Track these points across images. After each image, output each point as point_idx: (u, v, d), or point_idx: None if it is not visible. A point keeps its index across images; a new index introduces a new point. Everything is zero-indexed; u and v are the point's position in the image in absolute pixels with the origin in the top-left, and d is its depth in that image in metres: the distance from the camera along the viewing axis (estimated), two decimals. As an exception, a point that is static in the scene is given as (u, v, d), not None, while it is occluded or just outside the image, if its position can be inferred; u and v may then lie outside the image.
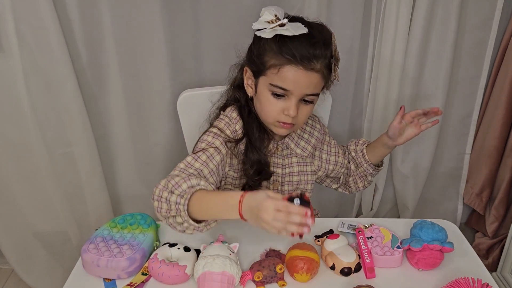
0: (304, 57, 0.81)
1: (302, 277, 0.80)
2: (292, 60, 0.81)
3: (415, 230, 0.85)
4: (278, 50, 0.82)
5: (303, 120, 0.92)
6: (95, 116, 1.39)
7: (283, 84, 0.84)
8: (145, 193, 1.57)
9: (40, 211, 1.46)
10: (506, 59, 1.41)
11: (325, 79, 0.87)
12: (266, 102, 0.88)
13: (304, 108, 0.89)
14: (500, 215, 1.57)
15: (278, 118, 0.88)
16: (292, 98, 0.85)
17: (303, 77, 0.83)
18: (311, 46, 0.82)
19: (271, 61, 0.84)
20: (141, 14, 1.23)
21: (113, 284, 0.82)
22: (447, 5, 1.28)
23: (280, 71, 0.83)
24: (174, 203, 0.76)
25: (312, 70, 0.83)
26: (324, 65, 0.84)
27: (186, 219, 0.76)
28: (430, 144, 1.52)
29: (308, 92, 0.86)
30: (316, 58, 0.82)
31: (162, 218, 0.80)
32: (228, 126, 0.93)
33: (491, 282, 0.78)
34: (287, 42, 0.82)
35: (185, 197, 0.75)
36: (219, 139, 0.90)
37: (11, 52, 1.18)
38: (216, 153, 0.88)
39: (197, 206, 0.76)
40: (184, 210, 0.75)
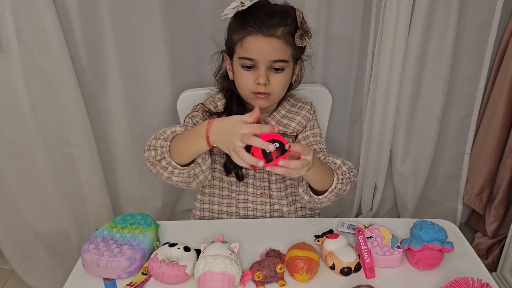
0: (262, 25, 0.87)
1: (302, 277, 0.80)
2: (252, 30, 0.88)
3: (415, 230, 0.85)
4: (238, 25, 0.90)
5: (278, 89, 0.94)
6: (95, 116, 1.39)
7: (247, 54, 0.90)
8: (145, 193, 1.57)
9: (40, 211, 1.46)
10: (506, 59, 1.41)
11: (291, 47, 0.91)
12: (240, 76, 0.94)
13: (276, 76, 0.92)
14: (500, 215, 1.57)
15: (252, 89, 0.93)
16: (260, 66, 0.90)
17: (265, 44, 0.88)
18: (268, 15, 0.88)
19: (236, 37, 0.91)
20: (141, 14, 1.23)
21: (113, 284, 0.82)
22: (447, 5, 1.28)
23: (243, 43, 0.89)
24: (159, 147, 0.84)
25: (272, 36, 0.88)
26: (286, 32, 0.89)
27: (169, 160, 0.84)
28: (430, 144, 1.52)
29: (273, 58, 0.90)
30: (275, 26, 0.88)
31: (151, 167, 0.88)
32: (210, 102, 1.01)
33: (491, 282, 0.78)
34: (246, 16, 0.89)
35: (168, 139, 0.84)
36: (202, 113, 0.99)
37: (11, 53, 1.18)
38: (201, 120, 0.97)
39: (176, 145, 0.84)
40: (167, 151, 0.83)
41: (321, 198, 0.93)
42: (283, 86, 0.96)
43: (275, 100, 0.98)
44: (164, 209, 1.59)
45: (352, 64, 1.39)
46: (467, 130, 1.55)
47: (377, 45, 1.36)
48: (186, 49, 1.32)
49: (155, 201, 1.57)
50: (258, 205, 1.07)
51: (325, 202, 0.94)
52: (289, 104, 1.05)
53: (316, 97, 1.17)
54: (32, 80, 1.23)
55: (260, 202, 1.07)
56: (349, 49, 1.36)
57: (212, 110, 1.00)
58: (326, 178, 0.90)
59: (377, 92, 1.43)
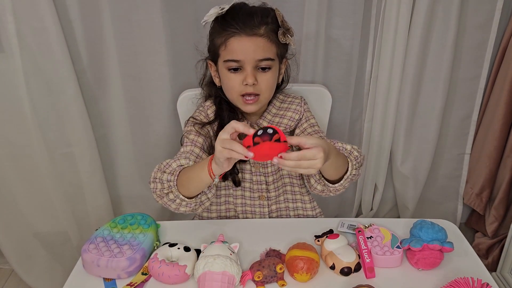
0: (244, 24, 0.87)
1: (302, 277, 0.80)
2: (234, 31, 0.88)
3: (415, 230, 0.85)
4: (220, 28, 0.90)
5: (267, 87, 0.93)
6: (96, 116, 1.39)
7: (232, 56, 0.89)
8: (145, 194, 1.57)
9: (40, 211, 1.47)
10: (506, 60, 1.41)
11: (275, 45, 0.91)
12: (227, 80, 0.93)
13: (263, 76, 0.92)
14: (500, 215, 1.57)
15: (240, 91, 0.92)
16: (247, 67, 0.90)
17: (248, 43, 0.88)
18: (249, 15, 0.88)
19: (219, 40, 0.90)
20: (141, 14, 1.23)
21: (113, 284, 0.82)
22: (447, 5, 1.28)
23: (227, 45, 0.89)
24: (166, 181, 0.85)
25: (255, 35, 0.88)
26: (269, 30, 0.89)
27: (177, 194, 0.85)
28: (430, 144, 1.52)
29: (259, 57, 0.89)
30: (257, 25, 0.88)
31: (158, 199, 0.89)
32: (200, 112, 1.01)
33: (491, 282, 0.78)
34: (226, 19, 0.89)
35: (175, 174, 0.85)
36: (195, 127, 0.98)
37: (11, 53, 1.18)
38: (196, 136, 0.96)
39: (183, 180, 0.84)
40: (174, 186, 0.84)
41: (336, 186, 0.91)
42: (271, 86, 0.95)
43: (264, 101, 0.97)
44: (164, 209, 1.57)
45: (352, 64, 1.39)
46: (467, 130, 1.55)
47: (377, 45, 1.36)
48: (186, 49, 1.32)
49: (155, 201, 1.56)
50: (256, 208, 1.07)
51: (339, 189, 0.93)
52: (278, 101, 1.04)
53: (316, 97, 1.17)
54: (32, 80, 1.23)
55: (258, 205, 1.07)
56: (349, 49, 1.36)
57: (204, 121, 0.99)
58: (341, 166, 0.88)
59: (377, 92, 1.43)
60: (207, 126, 0.99)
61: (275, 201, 1.08)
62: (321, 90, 1.18)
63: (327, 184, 0.93)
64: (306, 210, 1.12)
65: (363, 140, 1.55)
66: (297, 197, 1.09)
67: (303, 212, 1.11)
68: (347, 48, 1.36)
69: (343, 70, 1.39)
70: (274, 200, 1.08)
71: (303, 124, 1.03)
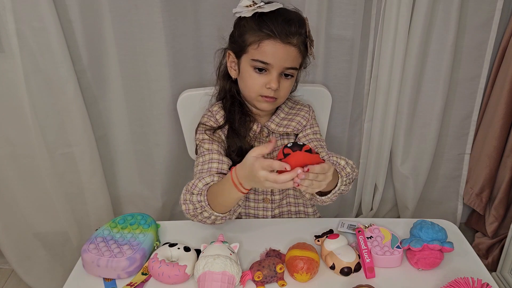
0: (281, 31, 0.88)
1: (302, 277, 0.80)
2: (271, 35, 0.88)
3: (415, 230, 0.85)
4: (257, 27, 0.89)
5: (285, 94, 0.97)
6: (96, 116, 1.39)
7: (263, 57, 0.90)
8: (145, 194, 1.57)
9: (40, 211, 1.46)
10: (506, 59, 1.41)
11: (302, 55, 0.94)
12: (249, 78, 0.94)
13: (285, 82, 0.94)
14: (500, 215, 1.57)
15: (260, 92, 0.94)
16: (273, 71, 0.91)
17: (282, 50, 0.89)
18: (287, 23, 0.89)
19: (251, 38, 0.90)
20: (141, 14, 1.23)
21: (113, 284, 0.82)
22: (447, 5, 1.28)
23: (260, 46, 0.90)
24: (197, 202, 0.87)
25: (289, 44, 0.90)
26: (300, 41, 0.91)
27: (211, 212, 0.86)
28: (430, 144, 1.52)
29: (287, 65, 0.92)
30: (292, 34, 0.89)
31: (192, 218, 0.90)
32: (209, 118, 1.01)
33: (490, 282, 0.78)
34: (265, 19, 0.89)
35: (203, 193, 0.86)
36: (206, 133, 0.99)
37: (12, 53, 1.18)
38: (210, 144, 0.97)
39: (213, 198, 0.86)
40: (207, 205, 0.86)
41: (323, 198, 0.93)
42: (288, 92, 0.98)
43: (279, 104, 1.00)
44: (164, 209, 1.59)
45: (353, 64, 1.39)
46: (467, 130, 1.55)
47: (377, 45, 1.36)
48: (186, 49, 1.32)
49: (155, 201, 1.57)
50: (260, 211, 1.07)
51: (327, 202, 0.95)
52: (287, 107, 1.07)
53: (316, 97, 1.17)
54: (32, 80, 1.23)
55: (262, 208, 1.07)
56: (349, 49, 1.36)
57: (214, 126, 1.00)
58: (332, 181, 0.88)
59: (378, 92, 1.43)
60: (218, 130, 0.99)
61: (279, 205, 1.08)
62: (321, 90, 1.18)
63: (314, 195, 0.94)
64: (308, 214, 1.12)
65: (363, 140, 1.55)
66: (299, 201, 1.10)
67: (304, 217, 1.12)
68: (347, 48, 1.36)
69: (343, 70, 1.39)
70: (277, 204, 1.08)
71: (307, 130, 1.05)
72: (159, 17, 1.23)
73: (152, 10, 1.22)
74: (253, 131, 1.01)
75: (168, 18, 1.24)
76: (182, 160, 1.47)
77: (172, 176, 1.52)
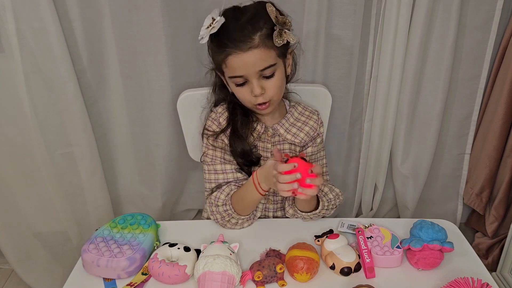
0: (237, 41, 0.87)
1: (302, 277, 0.80)
2: (229, 50, 0.88)
3: (415, 230, 0.85)
4: (216, 48, 0.91)
5: (275, 92, 0.94)
6: (96, 116, 1.39)
7: (234, 73, 0.91)
8: (145, 194, 1.57)
9: (40, 211, 1.46)
10: (506, 59, 1.41)
11: (272, 48, 0.90)
12: (237, 93, 0.95)
13: (269, 82, 0.93)
14: (500, 215, 1.57)
15: (252, 102, 0.94)
16: (251, 79, 0.90)
17: (246, 58, 0.88)
18: (238, 29, 0.87)
19: (218, 59, 0.92)
20: (141, 14, 1.23)
21: (113, 284, 0.82)
22: (447, 5, 1.28)
23: (227, 64, 0.90)
24: (223, 212, 0.95)
25: (250, 48, 0.87)
26: (264, 37, 0.88)
27: (238, 217, 0.95)
28: (430, 145, 1.52)
29: (259, 68, 0.90)
30: (249, 36, 0.87)
31: (222, 226, 0.98)
32: (213, 121, 1.02)
33: (490, 282, 0.78)
34: (220, 36, 0.89)
35: (228, 203, 0.95)
36: (209, 140, 1.01)
37: (11, 53, 1.18)
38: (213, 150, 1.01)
39: (237, 205, 0.95)
40: (233, 212, 0.94)
41: (304, 215, 0.99)
42: (279, 88, 0.95)
43: (277, 102, 0.98)
44: (164, 209, 1.59)
45: (352, 64, 1.39)
46: (467, 130, 1.55)
47: (377, 45, 1.36)
48: (186, 49, 1.32)
49: (155, 201, 1.57)
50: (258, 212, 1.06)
51: (307, 219, 1.01)
52: (297, 112, 1.06)
53: (316, 97, 1.17)
54: (32, 80, 1.23)
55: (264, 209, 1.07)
56: (349, 49, 1.36)
57: (217, 131, 1.01)
58: (313, 202, 0.97)
59: (377, 92, 1.43)
60: (220, 135, 1.00)
61: (280, 207, 1.09)
62: (321, 90, 1.18)
63: (296, 210, 0.99)
64: None
65: (363, 140, 1.55)
66: None
67: None
68: (347, 48, 1.35)
69: (343, 70, 1.39)
70: (279, 205, 1.08)
71: (317, 140, 1.07)
72: (159, 17, 1.23)
73: (152, 10, 1.22)
74: (256, 131, 1.01)
75: (168, 18, 1.24)
76: (182, 160, 1.47)
77: (172, 176, 1.52)
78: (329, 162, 1.57)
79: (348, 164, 1.62)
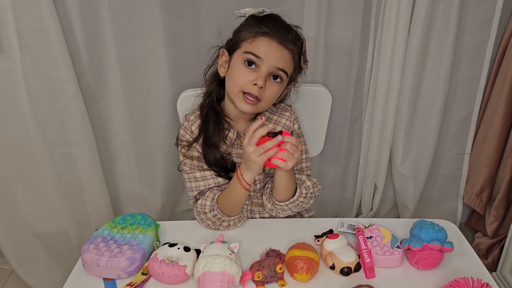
0: (278, 33, 0.89)
1: (302, 277, 0.80)
2: (268, 33, 0.89)
3: (415, 230, 0.85)
4: (255, 24, 0.91)
5: (269, 98, 0.93)
6: (96, 116, 1.39)
7: (256, 51, 0.89)
8: (145, 194, 1.57)
9: (40, 211, 1.46)
10: (506, 59, 1.41)
11: (294, 64, 0.93)
12: (237, 71, 0.92)
13: (272, 85, 0.92)
14: (500, 215, 1.57)
15: (244, 88, 0.91)
16: (263, 68, 0.90)
17: (276, 49, 0.90)
18: (285, 28, 0.91)
19: (247, 34, 0.91)
20: (141, 14, 1.23)
21: (113, 284, 0.82)
22: (447, 5, 1.28)
23: (254, 40, 0.90)
24: (213, 217, 0.95)
25: (285, 46, 0.90)
26: (295, 51, 0.92)
27: (228, 219, 0.95)
28: (430, 145, 1.52)
29: (278, 65, 0.90)
30: (289, 40, 0.91)
31: (216, 230, 0.97)
32: (185, 131, 1.01)
33: (490, 281, 0.78)
34: (265, 20, 0.91)
35: (215, 207, 0.94)
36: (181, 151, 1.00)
37: (11, 53, 1.18)
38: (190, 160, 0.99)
39: (225, 206, 0.94)
40: (222, 215, 0.94)
41: (282, 205, 0.97)
42: (273, 97, 0.95)
43: (260, 109, 0.96)
44: (164, 209, 1.59)
45: (352, 65, 1.39)
46: (467, 130, 1.55)
47: (377, 45, 1.36)
48: (186, 49, 1.32)
49: (155, 201, 1.57)
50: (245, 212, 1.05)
51: (286, 210, 0.99)
52: (268, 112, 1.05)
53: (316, 97, 1.17)
54: (32, 80, 1.23)
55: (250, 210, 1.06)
56: (349, 49, 1.36)
57: (189, 141, 0.99)
58: (291, 187, 0.96)
59: (377, 92, 1.43)
60: (194, 144, 0.99)
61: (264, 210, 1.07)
62: (321, 90, 1.18)
63: (274, 203, 0.98)
64: None
65: (363, 140, 1.55)
66: None
67: None
68: (347, 48, 1.36)
69: (343, 70, 1.39)
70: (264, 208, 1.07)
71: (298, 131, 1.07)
72: (159, 17, 1.23)
73: (152, 10, 1.22)
74: (229, 138, 0.99)
75: (168, 18, 1.24)
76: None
77: (172, 176, 1.52)
78: (329, 162, 1.58)
79: (348, 164, 1.62)
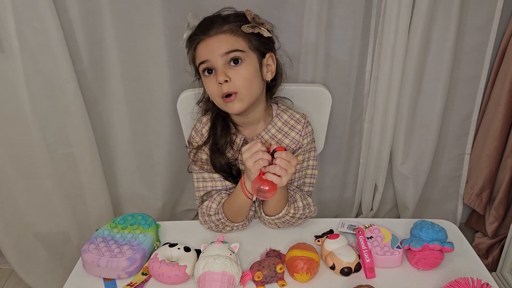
0: (206, 29, 0.89)
1: (302, 277, 0.80)
2: (198, 37, 0.90)
3: (415, 230, 0.85)
4: (189, 42, 0.93)
5: (243, 83, 0.88)
6: (96, 116, 1.39)
7: (200, 58, 0.90)
8: (145, 194, 1.58)
9: (40, 211, 1.46)
10: (506, 60, 1.41)
11: (242, 37, 0.88)
12: (205, 85, 0.93)
13: (235, 70, 0.87)
14: (500, 215, 1.57)
15: (218, 93, 0.89)
16: (216, 65, 0.88)
17: (212, 42, 0.88)
18: (210, 20, 0.91)
19: (191, 52, 0.93)
20: (141, 15, 1.23)
21: (113, 284, 0.82)
22: (447, 5, 1.28)
23: (196, 53, 0.91)
24: (216, 221, 0.94)
25: (217, 33, 0.88)
26: (233, 26, 0.88)
27: (232, 225, 0.95)
28: (430, 145, 1.52)
29: (224, 50, 0.87)
30: (219, 25, 0.88)
31: (218, 233, 0.97)
32: (196, 133, 1.01)
33: (491, 282, 0.78)
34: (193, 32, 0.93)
35: (220, 212, 0.94)
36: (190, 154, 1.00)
37: (12, 54, 1.18)
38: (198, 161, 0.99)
39: (229, 212, 0.94)
40: (226, 220, 0.94)
41: (268, 218, 0.95)
42: (248, 80, 0.88)
43: (247, 99, 0.89)
44: (164, 209, 1.59)
45: (353, 65, 1.39)
46: (467, 131, 1.55)
47: (378, 45, 1.36)
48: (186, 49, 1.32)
49: (156, 202, 1.57)
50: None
51: (271, 224, 0.97)
52: (281, 121, 0.99)
53: (316, 97, 1.17)
54: (33, 81, 1.23)
55: None
56: (349, 49, 1.36)
57: (199, 144, 0.99)
58: (282, 203, 0.93)
59: (378, 93, 1.43)
60: (203, 147, 0.99)
61: None
62: (321, 90, 1.18)
63: (262, 213, 0.97)
64: None
65: (363, 140, 1.55)
66: None
67: None
68: (347, 48, 1.36)
69: (343, 70, 1.39)
70: None
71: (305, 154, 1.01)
72: (159, 17, 1.23)
73: (152, 10, 1.22)
74: (236, 144, 0.98)
75: (168, 18, 1.24)
76: (182, 160, 1.47)
77: (172, 176, 1.52)
78: (329, 162, 1.58)
79: (348, 164, 1.62)
